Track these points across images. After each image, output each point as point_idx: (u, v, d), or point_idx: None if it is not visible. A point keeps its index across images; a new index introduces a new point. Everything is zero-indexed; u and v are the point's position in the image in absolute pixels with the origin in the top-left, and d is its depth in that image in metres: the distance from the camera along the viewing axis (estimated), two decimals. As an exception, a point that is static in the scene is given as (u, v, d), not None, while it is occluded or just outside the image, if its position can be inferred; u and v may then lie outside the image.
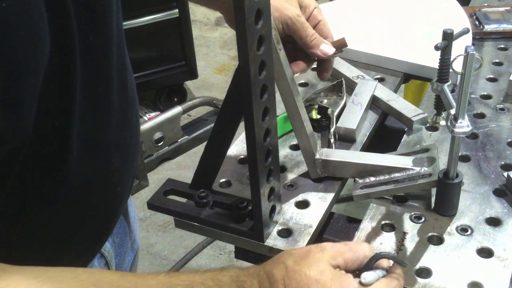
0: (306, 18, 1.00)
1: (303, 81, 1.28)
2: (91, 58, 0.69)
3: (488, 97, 1.23)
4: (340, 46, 1.02)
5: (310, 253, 0.75)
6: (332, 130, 1.07)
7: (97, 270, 0.71)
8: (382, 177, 0.97)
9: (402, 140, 1.11)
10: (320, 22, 1.03)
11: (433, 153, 0.98)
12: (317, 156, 0.99)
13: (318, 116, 1.13)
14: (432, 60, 1.12)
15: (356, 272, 0.76)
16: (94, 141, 0.75)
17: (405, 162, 0.98)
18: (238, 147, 1.11)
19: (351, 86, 1.22)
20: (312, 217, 0.94)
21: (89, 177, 0.77)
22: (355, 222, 0.98)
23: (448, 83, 0.99)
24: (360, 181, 0.98)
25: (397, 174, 0.96)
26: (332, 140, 1.06)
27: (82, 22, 0.66)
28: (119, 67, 0.78)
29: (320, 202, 0.97)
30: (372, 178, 0.98)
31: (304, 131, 0.96)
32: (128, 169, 0.87)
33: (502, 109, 1.19)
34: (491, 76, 1.29)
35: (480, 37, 1.42)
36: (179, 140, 2.88)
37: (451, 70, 0.88)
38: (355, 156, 1.01)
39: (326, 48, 1.00)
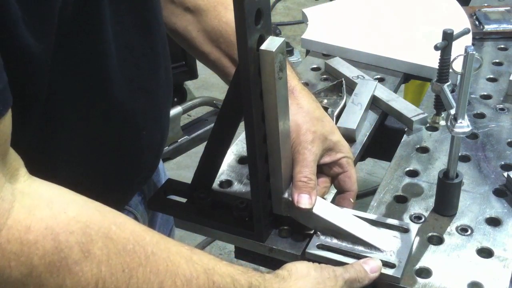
0: (329, 162, 0.93)
1: (303, 81, 1.28)
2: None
3: (488, 97, 1.23)
4: None
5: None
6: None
7: (123, 215, 0.71)
8: (344, 244, 0.86)
9: (402, 140, 1.11)
10: (345, 173, 0.94)
11: (409, 237, 0.87)
12: (285, 195, 0.88)
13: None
14: (432, 60, 1.12)
15: None
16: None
17: (374, 237, 0.86)
18: (238, 147, 1.11)
19: (351, 86, 1.22)
20: (312, 217, 0.94)
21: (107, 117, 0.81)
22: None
23: (448, 83, 0.99)
24: (321, 237, 0.88)
25: (360, 248, 0.85)
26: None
27: None
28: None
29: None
30: (334, 240, 0.87)
31: (279, 169, 0.84)
32: (156, 116, 0.91)
33: (502, 109, 1.19)
34: (491, 76, 1.29)
35: (480, 37, 1.42)
36: (179, 140, 2.88)
37: (451, 70, 0.88)
38: (326, 208, 0.88)
39: (304, 200, 0.85)
